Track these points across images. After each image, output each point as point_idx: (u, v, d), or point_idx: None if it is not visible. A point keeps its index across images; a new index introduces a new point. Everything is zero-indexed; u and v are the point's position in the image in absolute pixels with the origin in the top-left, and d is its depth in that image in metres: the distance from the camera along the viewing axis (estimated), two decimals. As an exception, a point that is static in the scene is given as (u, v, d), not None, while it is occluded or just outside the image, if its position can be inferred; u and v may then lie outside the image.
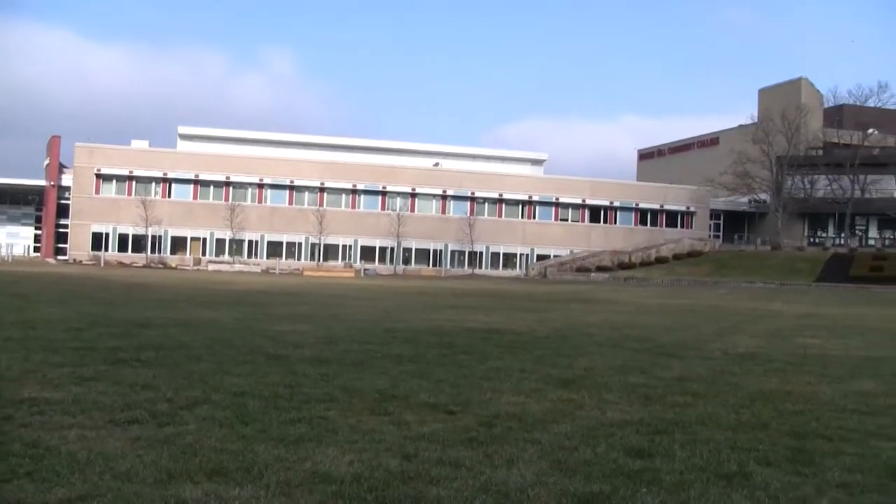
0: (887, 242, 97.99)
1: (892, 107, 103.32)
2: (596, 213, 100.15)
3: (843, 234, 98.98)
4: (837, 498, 6.35)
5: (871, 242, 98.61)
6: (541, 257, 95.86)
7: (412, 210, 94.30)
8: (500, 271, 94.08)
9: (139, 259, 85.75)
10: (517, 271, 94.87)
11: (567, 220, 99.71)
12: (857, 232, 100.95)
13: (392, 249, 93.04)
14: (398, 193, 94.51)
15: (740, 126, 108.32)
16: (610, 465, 7.01)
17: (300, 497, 5.89)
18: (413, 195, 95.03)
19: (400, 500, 5.88)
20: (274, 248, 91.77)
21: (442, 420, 8.69)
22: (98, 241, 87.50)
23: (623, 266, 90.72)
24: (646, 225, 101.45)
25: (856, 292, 68.02)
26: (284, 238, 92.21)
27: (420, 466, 6.76)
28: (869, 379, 13.02)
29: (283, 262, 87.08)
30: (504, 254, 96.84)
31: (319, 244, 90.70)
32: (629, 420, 8.97)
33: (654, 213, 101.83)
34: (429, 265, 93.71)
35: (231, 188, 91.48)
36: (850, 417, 9.57)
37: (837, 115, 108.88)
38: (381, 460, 6.92)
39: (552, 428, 8.44)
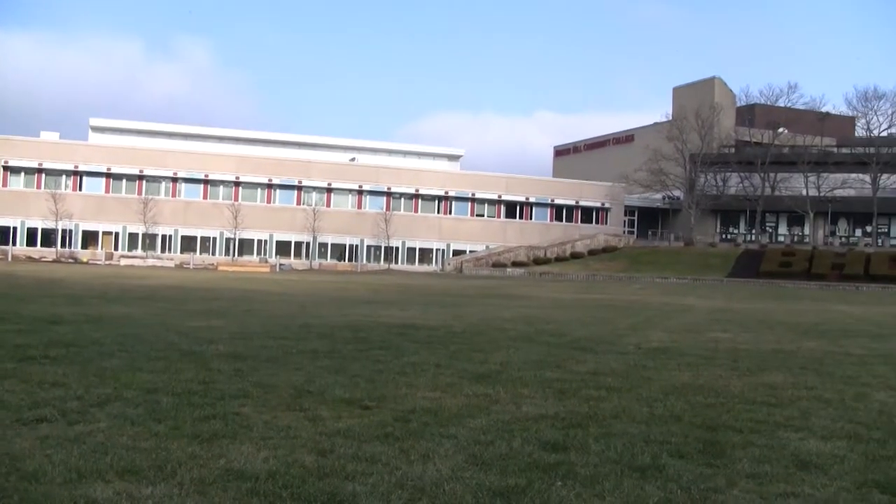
0: (796, 239, 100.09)
1: (802, 107, 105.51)
2: (512, 209, 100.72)
3: (753, 231, 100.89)
4: (747, 488, 6.46)
5: (781, 239, 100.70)
6: (457, 252, 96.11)
7: (328, 205, 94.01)
8: (416, 266, 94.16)
9: (49, 254, 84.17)
10: (433, 266, 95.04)
11: (483, 215, 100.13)
12: (767, 228, 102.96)
13: (307, 244, 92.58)
14: (314, 188, 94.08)
15: (655, 124, 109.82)
16: (525, 459, 7.04)
17: (214, 495, 5.82)
18: (329, 190, 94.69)
19: (315, 497, 5.84)
20: (188, 243, 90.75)
21: (357, 415, 8.65)
22: (5, 235, 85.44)
23: (538, 261, 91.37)
24: (561, 221, 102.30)
25: (766, 287, 69.36)
26: (199, 232, 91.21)
27: (335, 462, 6.73)
28: (777, 372, 13.26)
29: (198, 257, 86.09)
30: (420, 249, 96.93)
31: (234, 239, 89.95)
32: (544, 414, 9.02)
33: (570, 209, 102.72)
34: (344, 260, 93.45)
35: (144, 182, 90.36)
36: (759, 409, 9.74)
37: (749, 114, 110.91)
38: (297, 456, 6.87)
39: (468, 423, 8.45)
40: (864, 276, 78.98)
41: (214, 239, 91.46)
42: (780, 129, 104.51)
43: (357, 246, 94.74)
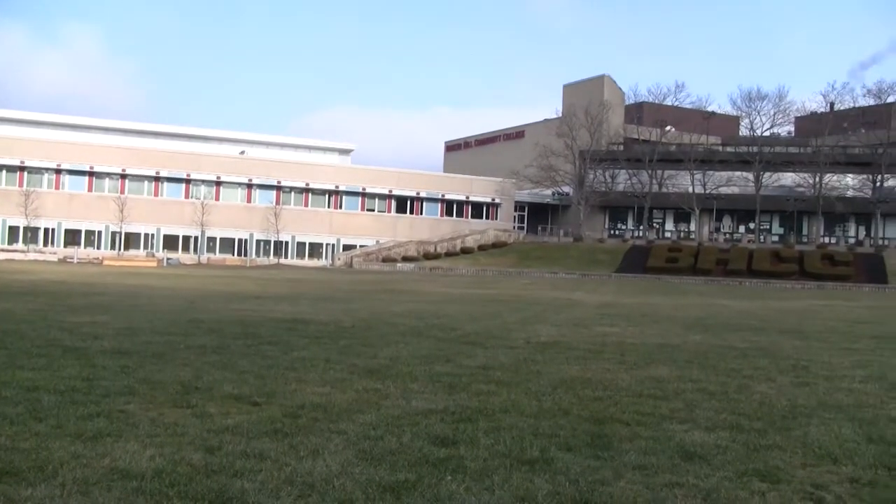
0: (682, 235, 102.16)
1: (689, 106, 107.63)
2: (402, 204, 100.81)
3: (641, 227, 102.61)
4: (634, 479, 6.55)
5: (668, 235, 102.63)
6: (347, 247, 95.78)
7: (217, 198, 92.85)
8: (307, 261, 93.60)
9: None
10: (324, 261, 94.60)
11: (374, 210, 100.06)
12: (654, 225, 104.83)
13: (196, 238, 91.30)
14: (203, 181, 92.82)
15: (545, 120, 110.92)
16: (415, 454, 7.04)
17: (98, 495, 5.69)
18: (218, 183, 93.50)
19: (203, 495, 5.76)
20: (72, 237, 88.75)
21: (246, 412, 8.56)
22: None
23: (429, 256, 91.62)
24: (452, 216, 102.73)
25: (652, 282, 70.74)
26: (83, 226, 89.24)
27: (224, 459, 6.64)
28: (663, 365, 13.51)
29: (82, 251, 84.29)
30: (310, 243, 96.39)
31: (120, 232, 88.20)
32: (434, 409, 9.03)
33: (460, 204, 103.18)
34: (234, 254, 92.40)
35: (26, 173, 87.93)
36: (645, 402, 9.91)
37: (637, 112, 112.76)
38: (184, 454, 6.76)
39: (357, 418, 8.42)
40: (747, 272, 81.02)
41: (100, 232, 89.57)
42: (668, 128, 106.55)
43: (246, 240, 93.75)
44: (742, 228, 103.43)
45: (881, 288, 74.03)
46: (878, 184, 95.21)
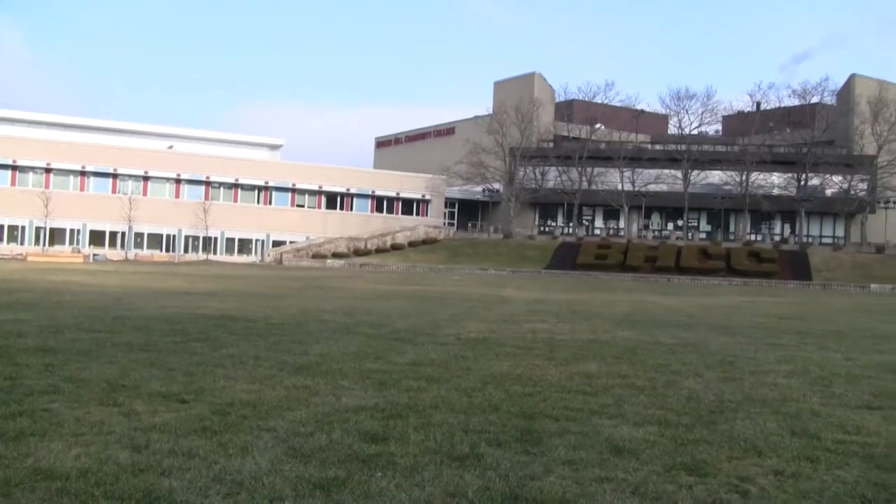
0: (612, 232, 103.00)
1: (618, 104, 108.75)
2: (333, 200, 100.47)
3: (571, 224, 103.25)
4: (563, 474, 6.59)
5: (597, 232, 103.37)
6: (277, 243, 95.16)
7: (144, 193, 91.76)
8: (236, 257, 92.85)
9: None
10: (253, 257, 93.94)
11: (304, 206, 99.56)
12: (584, 221, 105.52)
13: (123, 234, 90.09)
14: (130, 176, 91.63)
15: (476, 117, 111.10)
16: (345, 451, 7.02)
17: (21, 496, 5.58)
18: (146, 178, 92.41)
19: (130, 494, 5.68)
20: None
21: (174, 409, 8.47)
22: None
23: (359, 253, 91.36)
24: (382, 212, 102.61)
25: (582, 279, 71.22)
26: (6, 221, 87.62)
27: (151, 458, 6.56)
28: (592, 361, 13.61)
29: (5, 247, 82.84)
30: (240, 239, 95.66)
31: (45, 228, 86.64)
32: (364, 405, 9.01)
33: (391, 200, 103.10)
34: (162, 250, 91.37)
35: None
36: (574, 398, 9.97)
37: (568, 109, 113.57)
38: (110, 453, 6.66)
39: (287, 415, 8.38)
40: (675, 269, 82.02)
41: (23, 228, 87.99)
42: (598, 126, 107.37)
43: (175, 236, 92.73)
44: (670, 226, 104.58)
45: (805, 285, 75.35)
46: (802, 182, 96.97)
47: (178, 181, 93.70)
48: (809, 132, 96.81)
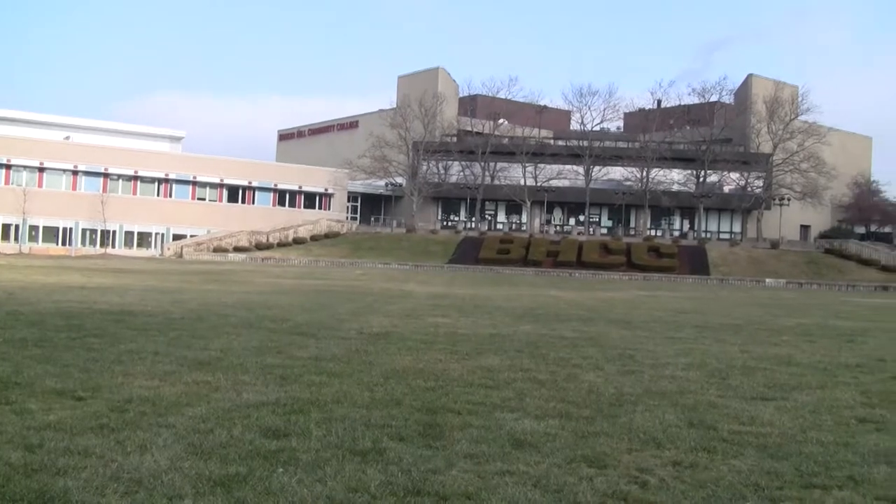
0: (514, 227, 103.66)
1: (522, 99, 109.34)
2: (234, 193, 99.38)
3: (474, 219, 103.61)
4: (465, 468, 6.63)
5: (500, 226, 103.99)
6: (177, 237, 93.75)
7: (39, 185, 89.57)
8: (135, 250, 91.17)
9: None
10: (153, 251, 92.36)
11: (205, 199, 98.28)
12: (486, 216, 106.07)
13: (17, 227, 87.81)
14: (24, 167, 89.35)
15: (380, 111, 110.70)
16: (246, 447, 6.96)
17: None
18: (41, 170, 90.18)
19: (23, 495, 5.55)
20: None
21: (70, 407, 8.31)
22: None
23: (261, 246, 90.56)
24: (285, 206, 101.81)
25: (484, 273, 71.63)
26: None
27: (45, 457, 6.42)
28: (494, 355, 13.70)
29: None
30: (139, 233, 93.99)
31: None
32: (265, 401, 8.95)
33: (293, 194, 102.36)
34: (58, 244, 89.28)
35: None
36: (476, 392, 10.03)
37: (471, 104, 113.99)
38: (1, 453, 6.51)
39: (187, 411, 8.28)
40: (577, 263, 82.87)
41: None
42: (501, 121, 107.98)
43: (72, 229, 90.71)
44: (572, 221, 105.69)
45: (703, 279, 76.87)
46: (701, 179, 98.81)
47: (75, 173, 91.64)
48: (708, 130, 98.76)
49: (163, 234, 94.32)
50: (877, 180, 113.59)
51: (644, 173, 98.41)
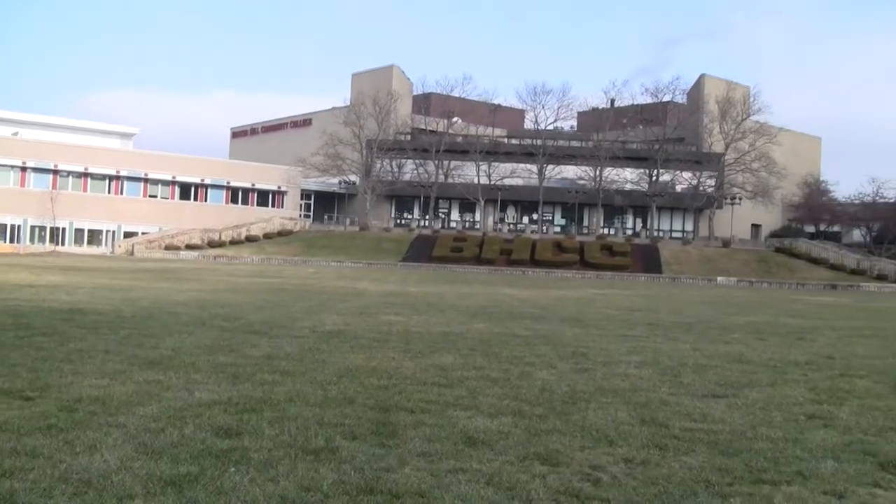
0: (467, 225, 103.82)
1: (476, 98, 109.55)
2: (187, 191, 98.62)
3: (427, 217, 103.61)
4: (418, 466, 6.63)
5: (453, 225, 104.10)
6: (128, 234, 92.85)
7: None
8: (85, 248, 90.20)
9: None
10: (103, 248, 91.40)
11: (157, 196, 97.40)
12: (440, 214, 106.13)
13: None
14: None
15: (333, 108, 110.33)
16: (198, 446, 6.91)
17: None
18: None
19: (-32, 495, 5.47)
20: None
21: (18, 407, 8.20)
22: None
23: (213, 244, 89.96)
24: (237, 203, 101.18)
25: (438, 271, 71.74)
26: None
27: (-9, 458, 6.33)
28: (448, 353, 13.70)
29: None
30: (90, 230, 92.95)
31: None
32: (217, 400, 8.89)
33: (246, 191, 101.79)
34: (5, 241, 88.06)
35: None
36: (430, 390, 10.03)
37: (425, 102, 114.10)
38: (-53, 453, 6.40)
39: (138, 410, 8.20)
40: (530, 262, 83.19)
41: None
42: (455, 119, 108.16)
43: (20, 226, 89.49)
44: (526, 219, 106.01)
45: (656, 277, 77.46)
46: (654, 178, 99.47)
47: (23, 169, 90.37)
48: (661, 129, 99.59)
49: (114, 232, 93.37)
50: (826, 180, 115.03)
51: (597, 172, 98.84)
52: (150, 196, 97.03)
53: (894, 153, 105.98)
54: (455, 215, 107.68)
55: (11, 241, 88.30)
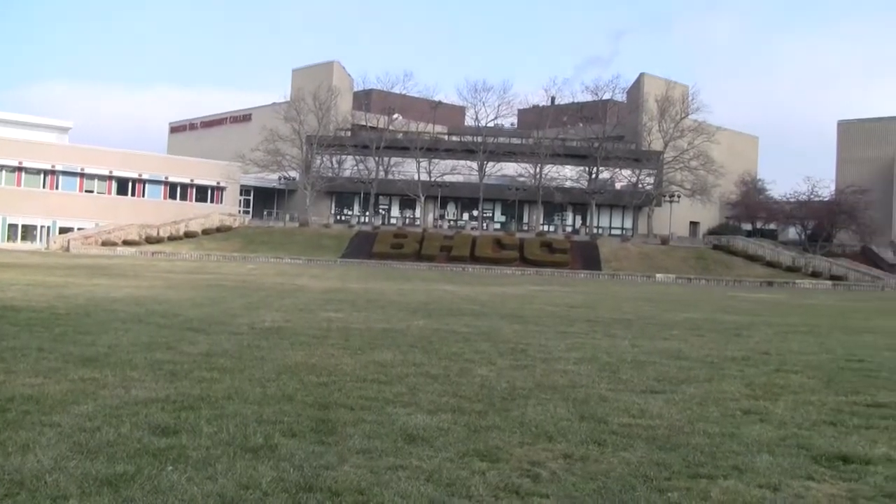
0: (408, 221, 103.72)
1: (416, 94, 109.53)
2: (124, 186, 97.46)
3: (367, 213, 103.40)
4: (358, 463, 6.62)
5: (394, 221, 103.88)
6: (64, 230, 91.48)
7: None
8: (19, 244, 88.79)
9: None
10: (38, 244, 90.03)
11: (93, 191, 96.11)
12: (380, 211, 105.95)
13: None
14: None
15: (273, 104, 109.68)
16: (134, 445, 6.84)
17: None
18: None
19: None
20: None
21: (-53, 406, 8.05)
22: None
23: (151, 240, 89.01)
24: (176, 199, 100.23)
25: (378, 268, 71.60)
26: None
27: (-79, 459, 6.20)
28: (387, 350, 13.69)
29: None
30: (23, 225, 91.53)
31: None
32: (155, 397, 8.80)
33: (185, 187, 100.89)
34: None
35: None
36: (369, 387, 10.01)
37: (366, 99, 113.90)
38: None
39: (73, 409, 8.10)
40: (470, 258, 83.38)
41: None
42: (395, 115, 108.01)
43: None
44: (466, 216, 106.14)
45: (595, 274, 78.04)
46: (593, 176, 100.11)
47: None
48: (601, 128, 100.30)
49: (49, 227, 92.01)
50: (763, 179, 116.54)
51: (537, 169, 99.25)
52: (87, 191, 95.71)
53: (829, 152, 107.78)
54: (395, 212, 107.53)
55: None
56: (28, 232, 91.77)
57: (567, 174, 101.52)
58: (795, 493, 6.39)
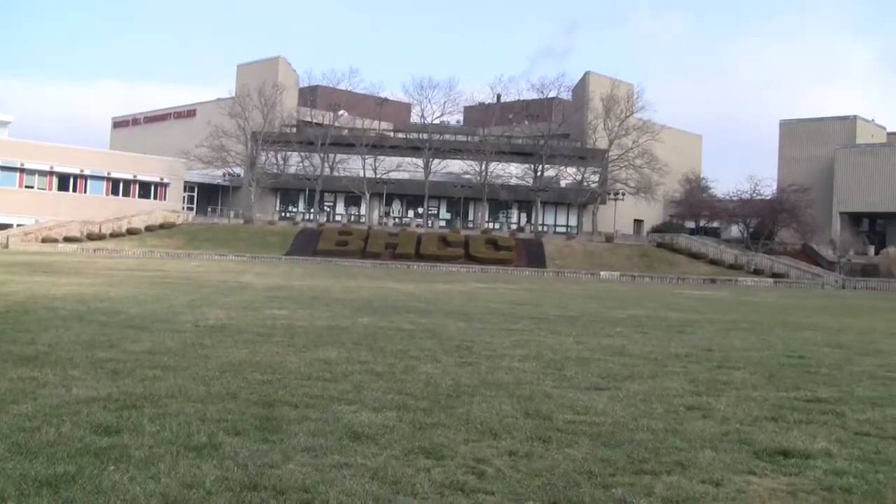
0: (353, 219, 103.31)
1: (362, 91, 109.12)
2: (65, 182, 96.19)
3: (312, 210, 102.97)
4: (302, 461, 6.61)
5: (339, 218, 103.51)
6: (3, 226, 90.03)
7: None
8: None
9: None
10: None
11: (33, 187, 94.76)
12: (325, 208, 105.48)
13: None
14: None
15: (218, 100, 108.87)
16: (76, 445, 6.76)
17: None
18: None
19: None
20: None
21: None
22: None
23: (93, 237, 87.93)
24: (118, 195, 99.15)
25: (322, 265, 71.29)
26: None
27: None
28: (332, 347, 13.66)
29: None
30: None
31: None
32: (96, 396, 8.71)
33: (127, 183, 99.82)
34: None
35: None
36: (314, 385, 9.99)
37: (312, 95, 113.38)
38: None
39: (11, 409, 7.99)
40: (416, 256, 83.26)
41: None
42: (341, 112, 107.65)
43: None
44: (411, 213, 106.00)
45: (540, 272, 78.27)
46: (538, 173, 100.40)
47: None
48: (547, 125, 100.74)
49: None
50: (706, 177, 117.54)
51: (483, 167, 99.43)
52: (27, 186, 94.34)
53: (771, 152, 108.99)
54: (340, 209, 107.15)
55: None
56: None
57: (512, 172, 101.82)
58: (737, 487, 6.47)
